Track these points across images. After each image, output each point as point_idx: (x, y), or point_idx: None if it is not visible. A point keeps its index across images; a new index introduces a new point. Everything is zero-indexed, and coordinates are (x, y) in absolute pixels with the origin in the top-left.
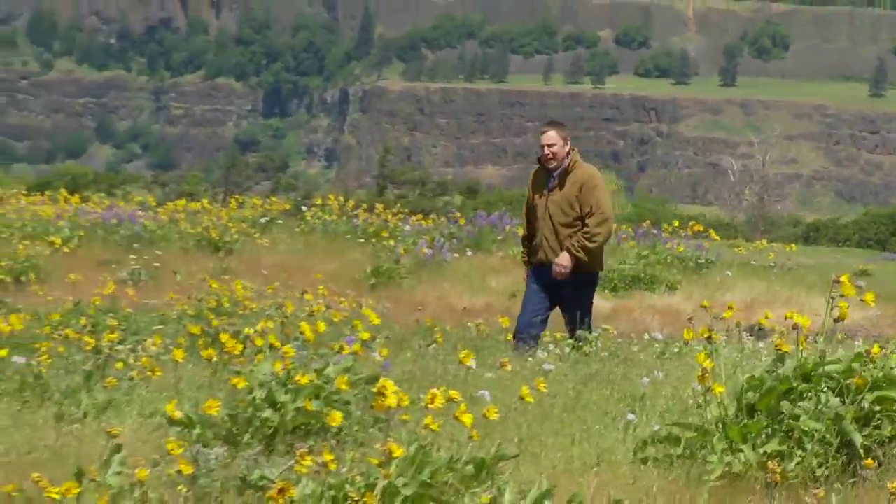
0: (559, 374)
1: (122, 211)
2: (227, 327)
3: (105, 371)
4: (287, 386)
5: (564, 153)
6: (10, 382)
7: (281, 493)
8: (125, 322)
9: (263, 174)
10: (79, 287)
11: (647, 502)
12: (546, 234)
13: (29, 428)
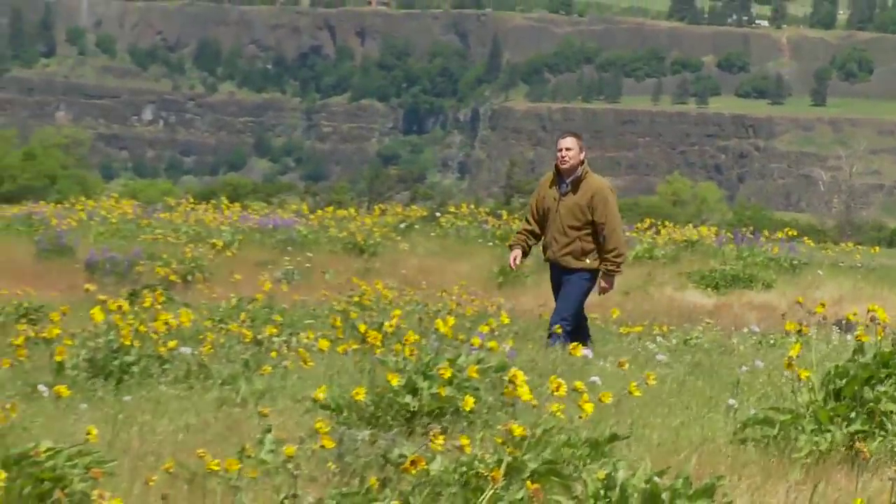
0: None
1: (277, 217)
2: (369, 321)
3: (262, 360)
4: (424, 374)
5: (578, 161)
6: (178, 370)
7: (413, 464)
8: (280, 316)
9: (403, 185)
10: (239, 285)
11: (745, 478)
12: (556, 235)
13: (194, 411)
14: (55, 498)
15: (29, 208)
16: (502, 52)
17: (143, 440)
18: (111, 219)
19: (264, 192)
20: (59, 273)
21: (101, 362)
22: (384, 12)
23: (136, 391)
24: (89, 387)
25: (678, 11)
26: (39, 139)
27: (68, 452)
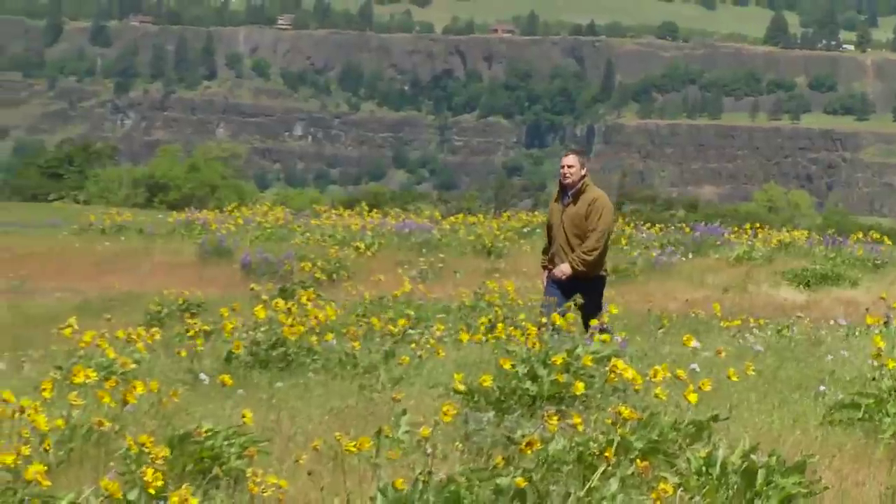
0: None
1: (413, 222)
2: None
3: (400, 351)
4: (544, 363)
5: (579, 176)
6: (325, 360)
7: (528, 445)
8: (416, 311)
9: (526, 193)
10: (380, 283)
11: (832, 457)
12: (560, 244)
13: (338, 396)
14: (214, 474)
15: (191, 215)
16: (615, 73)
17: (293, 422)
18: (265, 224)
19: (401, 200)
20: (219, 272)
21: (258, 352)
22: (509, 39)
23: (287, 379)
24: (248, 375)
25: (773, 37)
26: (201, 153)
27: (226, 433)
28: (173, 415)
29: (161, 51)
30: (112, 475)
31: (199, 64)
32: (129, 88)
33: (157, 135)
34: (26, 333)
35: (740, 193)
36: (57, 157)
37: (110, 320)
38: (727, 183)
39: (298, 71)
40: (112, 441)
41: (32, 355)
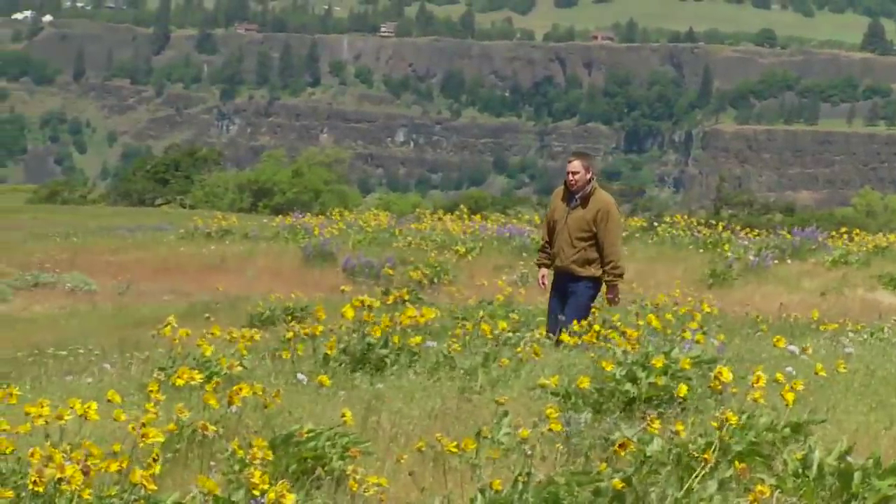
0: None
1: (513, 227)
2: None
3: (499, 353)
4: (643, 365)
5: (586, 180)
6: (425, 362)
7: (622, 447)
8: (515, 314)
9: (624, 198)
10: (480, 287)
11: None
12: (563, 245)
13: (439, 398)
14: (316, 475)
15: (295, 219)
16: (713, 80)
17: (394, 423)
18: (367, 228)
19: (501, 204)
20: (322, 276)
21: (359, 355)
22: (608, 46)
23: (388, 380)
24: (348, 376)
25: (870, 43)
26: (305, 158)
27: (328, 434)
28: (276, 416)
29: (266, 58)
30: (215, 476)
31: (304, 71)
32: (235, 95)
33: (262, 140)
34: (133, 335)
35: (837, 198)
36: (164, 162)
37: (209, 318)
38: (824, 188)
39: (401, 78)
40: (216, 442)
41: (138, 357)
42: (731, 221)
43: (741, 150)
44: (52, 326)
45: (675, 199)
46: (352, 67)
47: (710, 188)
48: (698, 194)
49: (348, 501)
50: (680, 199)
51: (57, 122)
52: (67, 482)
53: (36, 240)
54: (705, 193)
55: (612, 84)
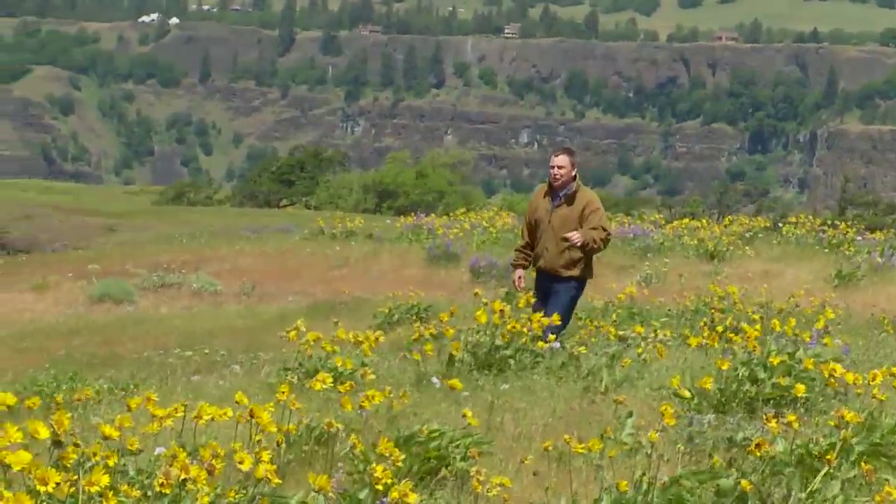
0: None
1: (637, 227)
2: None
3: (624, 354)
4: (765, 366)
5: (570, 177)
6: (549, 363)
7: (758, 447)
8: (640, 315)
9: (748, 198)
10: (603, 287)
11: None
12: (548, 245)
13: (562, 398)
14: (441, 475)
15: (419, 220)
16: (838, 80)
17: (517, 424)
18: (491, 229)
19: (625, 205)
20: (446, 276)
21: (484, 356)
22: (733, 46)
23: (512, 381)
24: (472, 377)
25: None
26: (429, 159)
27: (451, 435)
28: (400, 416)
29: (390, 59)
30: (340, 475)
31: (428, 72)
32: (359, 96)
33: (386, 142)
34: (259, 336)
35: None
36: (289, 163)
37: (337, 323)
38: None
39: (524, 79)
40: (341, 442)
41: (265, 357)
42: (856, 222)
43: (866, 150)
44: (178, 327)
45: (799, 200)
46: (476, 69)
47: (834, 188)
48: (823, 195)
49: (471, 501)
50: (804, 200)
51: (183, 124)
52: (192, 482)
53: (162, 241)
54: (830, 194)
55: (737, 84)
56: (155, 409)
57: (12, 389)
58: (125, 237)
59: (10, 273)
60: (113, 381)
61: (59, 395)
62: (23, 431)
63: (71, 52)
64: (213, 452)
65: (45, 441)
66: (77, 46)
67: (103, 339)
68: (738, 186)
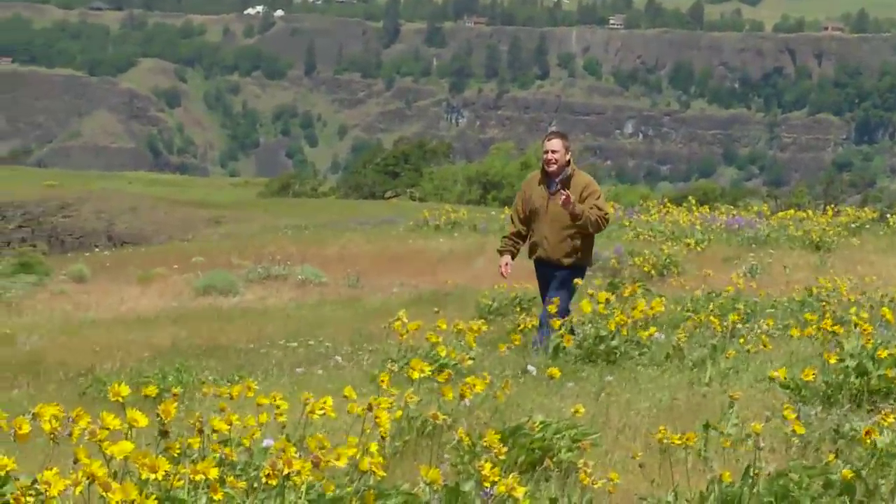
0: None
1: (742, 218)
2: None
3: (728, 345)
4: (873, 358)
5: (565, 161)
6: (654, 354)
7: (867, 434)
8: (745, 306)
9: (855, 189)
10: (709, 278)
11: None
12: (546, 233)
13: (667, 390)
14: (545, 466)
15: None
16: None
17: (622, 415)
18: None
19: (730, 196)
20: None
21: (589, 347)
22: (839, 36)
23: (616, 372)
24: (577, 368)
25: None
26: (534, 150)
27: (556, 426)
28: (505, 408)
29: (495, 51)
30: (445, 467)
31: (532, 63)
32: (464, 88)
33: (491, 133)
34: (364, 327)
35: None
36: (393, 155)
37: (437, 312)
38: None
39: (629, 70)
40: (446, 433)
41: (369, 348)
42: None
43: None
44: (283, 318)
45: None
46: (580, 59)
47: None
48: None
49: (577, 493)
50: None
51: (288, 116)
52: (297, 474)
53: (267, 233)
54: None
55: (843, 75)
56: (261, 399)
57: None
58: (230, 229)
59: (117, 265)
60: (218, 372)
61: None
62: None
63: (177, 45)
64: (318, 444)
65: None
66: (183, 39)
67: (208, 331)
68: (844, 177)
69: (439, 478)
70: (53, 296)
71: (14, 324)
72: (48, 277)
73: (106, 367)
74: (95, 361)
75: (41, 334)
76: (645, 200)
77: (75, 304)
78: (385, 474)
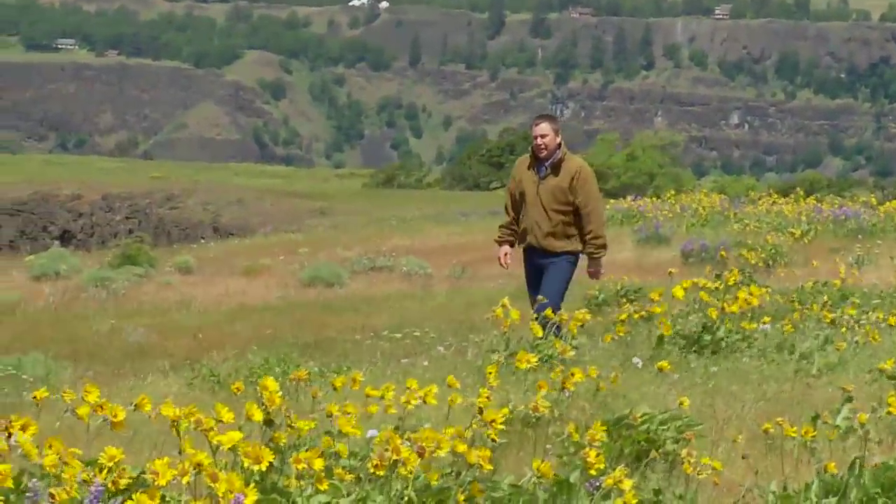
0: None
1: (848, 209)
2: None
3: (836, 336)
4: None
5: (555, 145)
6: (760, 345)
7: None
8: (852, 297)
9: None
10: (815, 269)
11: None
12: (538, 219)
13: (773, 381)
14: (651, 457)
15: (629, 202)
16: None
17: (728, 406)
18: (701, 211)
19: (836, 187)
20: (656, 259)
21: (694, 337)
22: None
23: (721, 363)
24: (682, 359)
25: None
26: (639, 141)
27: (661, 417)
28: (610, 399)
29: (600, 42)
30: (549, 458)
31: (637, 54)
32: (569, 79)
33: (596, 124)
34: (468, 318)
35: None
36: (498, 146)
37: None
38: None
39: (735, 60)
40: (550, 425)
41: (474, 339)
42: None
43: None
44: (388, 309)
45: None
46: (686, 50)
47: None
48: None
49: (682, 484)
50: None
51: (393, 108)
52: (403, 464)
53: (373, 224)
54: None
55: None
56: (369, 390)
57: (223, 371)
58: (336, 220)
59: (222, 257)
60: (323, 363)
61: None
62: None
63: (282, 37)
64: (425, 435)
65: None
66: (288, 30)
67: (313, 322)
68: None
69: (550, 471)
70: (159, 287)
71: (120, 315)
72: (154, 269)
73: (212, 358)
74: (201, 352)
75: (147, 325)
76: (751, 191)
77: (181, 295)
78: (491, 467)
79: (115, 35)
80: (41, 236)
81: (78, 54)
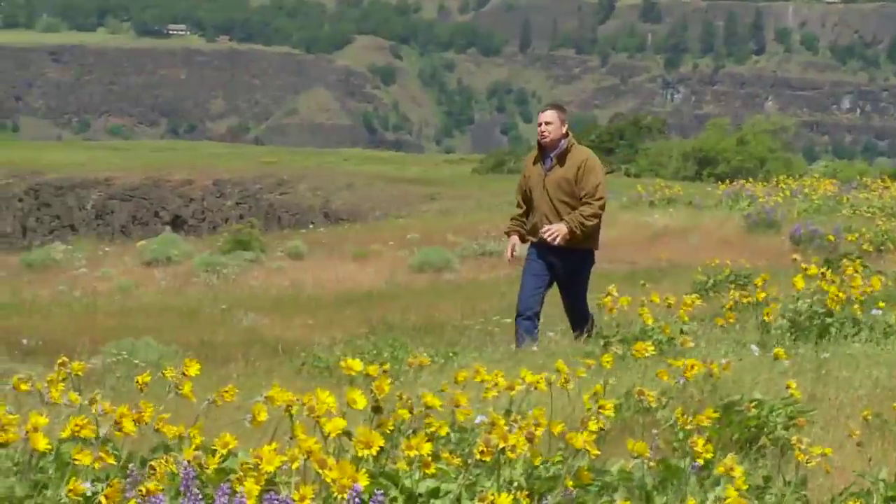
0: None
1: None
2: None
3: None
4: None
5: (560, 134)
6: (872, 331)
7: None
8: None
9: None
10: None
11: None
12: (546, 212)
13: (885, 366)
14: (761, 443)
15: (739, 187)
16: None
17: (839, 393)
18: (813, 196)
19: None
20: (766, 244)
21: (803, 323)
22: None
23: (833, 349)
24: (791, 345)
25: None
26: (750, 126)
27: (772, 403)
28: (720, 384)
29: (710, 26)
30: (657, 443)
31: (748, 39)
32: (679, 64)
33: (706, 109)
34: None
35: None
36: (609, 131)
37: (644, 285)
38: None
39: (847, 44)
40: (660, 410)
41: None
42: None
43: None
44: (497, 294)
45: None
46: (797, 34)
47: None
48: None
49: (792, 470)
50: None
51: (503, 93)
52: (512, 449)
53: (482, 209)
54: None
55: None
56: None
57: (333, 356)
58: (445, 205)
59: (333, 242)
60: (433, 347)
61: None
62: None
63: (392, 22)
64: (534, 421)
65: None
66: (398, 16)
67: (423, 307)
68: None
69: (646, 450)
70: (270, 272)
71: (231, 300)
72: (264, 254)
73: (322, 343)
74: (311, 337)
75: (257, 310)
76: (862, 176)
77: (292, 280)
78: (598, 452)
79: (226, 20)
80: (153, 221)
81: (189, 40)
